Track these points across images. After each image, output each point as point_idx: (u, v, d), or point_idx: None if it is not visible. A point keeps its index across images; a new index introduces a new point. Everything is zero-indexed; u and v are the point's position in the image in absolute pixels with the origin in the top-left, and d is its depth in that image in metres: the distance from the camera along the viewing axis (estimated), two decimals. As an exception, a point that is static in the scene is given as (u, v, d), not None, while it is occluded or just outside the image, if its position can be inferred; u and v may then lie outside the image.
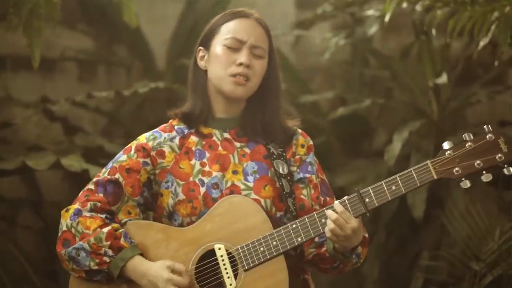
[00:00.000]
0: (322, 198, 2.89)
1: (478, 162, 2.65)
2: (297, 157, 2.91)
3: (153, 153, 2.88)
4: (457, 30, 4.03)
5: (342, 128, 6.05)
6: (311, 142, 2.95)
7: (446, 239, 5.28)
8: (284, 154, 2.89)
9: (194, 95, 2.91)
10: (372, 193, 2.70)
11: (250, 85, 2.85)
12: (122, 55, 6.27)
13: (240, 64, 2.83)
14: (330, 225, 2.70)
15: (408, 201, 5.27)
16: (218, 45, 2.87)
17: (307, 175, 2.90)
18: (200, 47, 2.92)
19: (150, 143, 2.89)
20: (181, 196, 2.83)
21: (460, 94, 5.75)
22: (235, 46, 2.85)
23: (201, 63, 2.91)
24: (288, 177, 2.86)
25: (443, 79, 5.38)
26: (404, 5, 4.26)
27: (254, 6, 2.99)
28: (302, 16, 6.46)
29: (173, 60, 6.17)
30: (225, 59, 2.84)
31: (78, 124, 5.91)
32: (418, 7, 4.57)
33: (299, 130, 2.95)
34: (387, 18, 4.21)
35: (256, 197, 2.82)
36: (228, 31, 2.87)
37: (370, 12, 5.75)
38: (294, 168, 2.90)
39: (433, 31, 4.47)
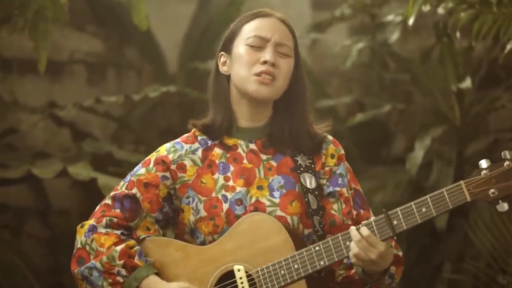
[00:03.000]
0: (355, 212, 2.73)
1: None
2: (327, 168, 2.74)
3: (173, 166, 2.74)
4: (483, 33, 3.92)
5: (361, 134, 5.98)
6: (342, 151, 2.77)
7: (470, 251, 5.20)
8: (313, 166, 2.73)
9: (216, 104, 2.76)
10: (400, 215, 2.53)
11: (276, 85, 2.69)
12: (132, 58, 6.21)
13: (265, 62, 2.68)
14: (354, 249, 2.54)
15: (430, 210, 5.17)
16: (240, 46, 2.72)
17: (337, 189, 2.73)
18: (222, 52, 2.77)
19: (170, 156, 2.75)
20: (203, 213, 2.69)
21: (483, 99, 5.64)
22: (258, 45, 2.70)
23: (223, 68, 2.76)
24: (316, 192, 2.70)
25: (467, 83, 5.26)
26: (424, 7, 4.16)
27: (268, 7, 2.84)
28: (318, 18, 6.39)
29: (185, 63, 6.10)
30: (248, 58, 2.69)
31: (86, 130, 5.86)
32: (440, 9, 4.48)
33: (330, 138, 2.78)
34: (411, 22, 4.14)
35: (282, 214, 2.67)
36: (250, 30, 2.72)
37: (391, 17, 5.64)
38: (324, 181, 2.74)
39: (458, 34, 4.37)
